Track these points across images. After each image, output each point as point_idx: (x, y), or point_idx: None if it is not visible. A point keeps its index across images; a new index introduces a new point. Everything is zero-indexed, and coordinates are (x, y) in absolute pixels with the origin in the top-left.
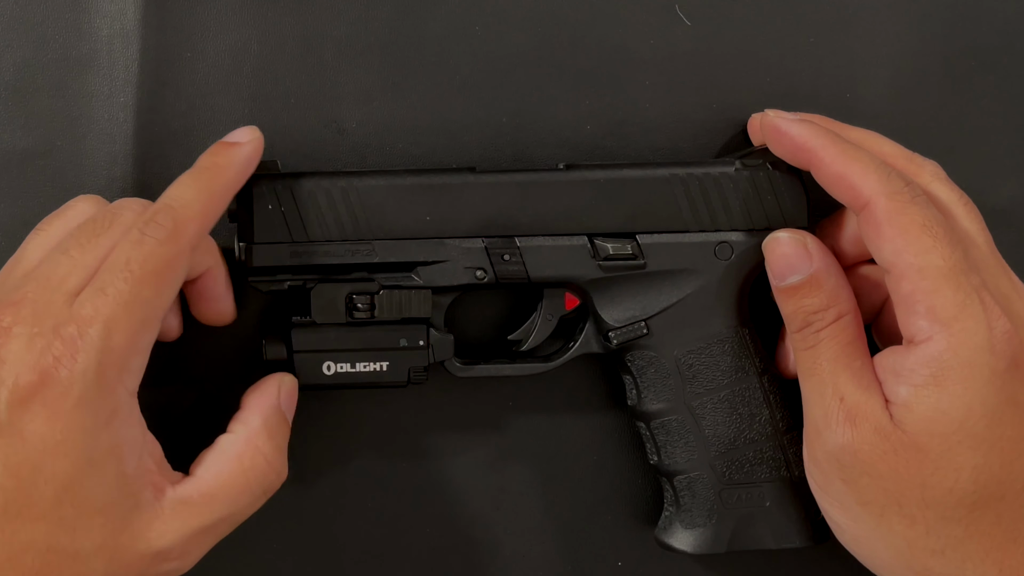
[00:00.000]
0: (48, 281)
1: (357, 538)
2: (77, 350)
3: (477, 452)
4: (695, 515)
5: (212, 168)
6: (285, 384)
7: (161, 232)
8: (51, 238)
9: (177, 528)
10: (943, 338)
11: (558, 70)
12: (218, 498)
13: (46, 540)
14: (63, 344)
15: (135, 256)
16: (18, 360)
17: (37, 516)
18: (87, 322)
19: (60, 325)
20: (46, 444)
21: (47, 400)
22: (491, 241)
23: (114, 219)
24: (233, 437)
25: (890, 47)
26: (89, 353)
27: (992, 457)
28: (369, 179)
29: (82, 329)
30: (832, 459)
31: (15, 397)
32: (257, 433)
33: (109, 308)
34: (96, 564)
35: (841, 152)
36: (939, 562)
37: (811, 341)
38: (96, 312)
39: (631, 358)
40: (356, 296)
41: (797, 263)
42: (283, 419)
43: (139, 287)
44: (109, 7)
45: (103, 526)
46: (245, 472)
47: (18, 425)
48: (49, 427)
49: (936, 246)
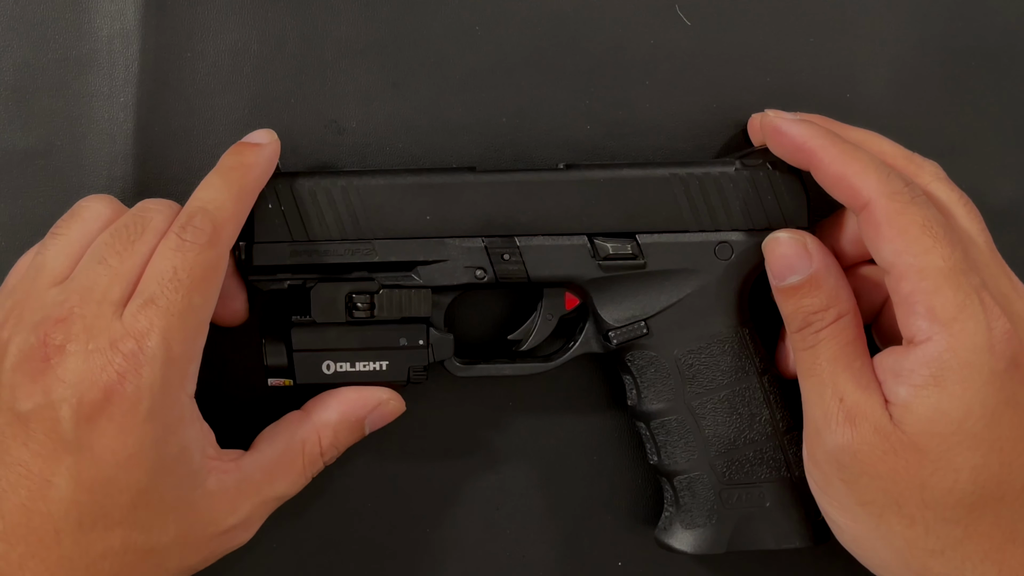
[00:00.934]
0: (91, 293)
1: (357, 538)
2: (141, 364)
3: (477, 452)
4: (695, 515)
5: (240, 168)
6: (389, 405)
7: (202, 237)
8: (72, 243)
9: (242, 505)
10: (943, 338)
11: (558, 70)
12: (276, 476)
13: (123, 544)
14: (124, 359)
15: (181, 264)
16: (79, 378)
17: (113, 524)
18: (144, 335)
19: (117, 340)
20: (118, 458)
21: (114, 415)
22: (491, 240)
23: (146, 224)
24: (303, 420)
25: (890, 47)
26: (153, 366)
27: (991, 457)
28: (369, 178)
29: (141, 343)
30: (832, 459)
31: (81, 415)
32: (326, 427)
33: (164, 319)
34: (172, 554)
35: (841, 152)
36: (938, 562)
37: (811, 341)
38: (151, 324)
39: (631, 358)
40: (356, 295)
41: (797, 263)
42: (359, 429)
43: (189, 295)
44: (109, 7)
45: (177, 520)
46: (303, 457)
47: (87, 442)
48: (120, 442)
49: (936, 246)
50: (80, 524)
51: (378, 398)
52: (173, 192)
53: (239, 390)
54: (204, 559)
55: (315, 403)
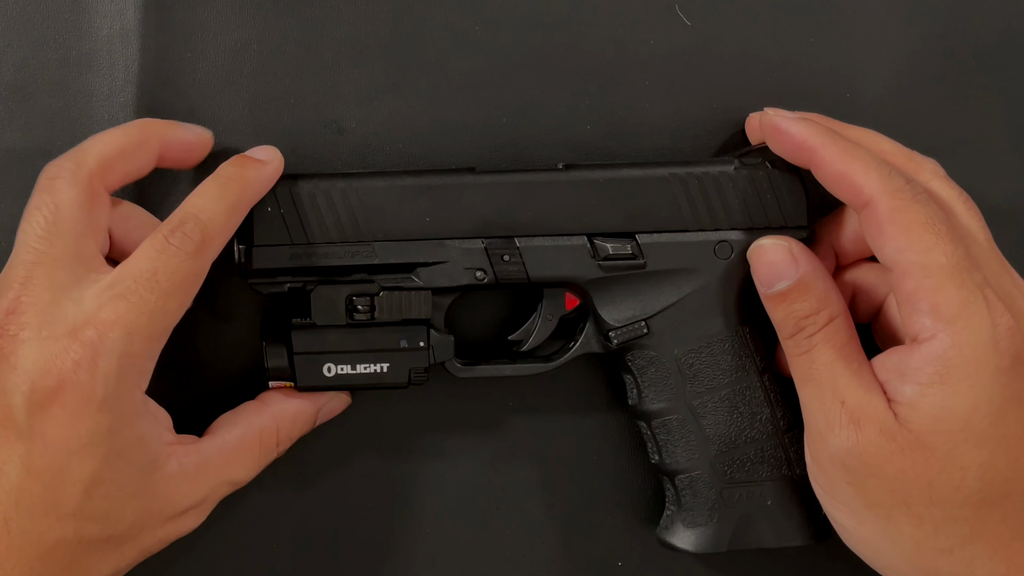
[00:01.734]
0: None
1: (357, 538)
2: (99, 354)
3: (477, 452)
4: (696, 514)
5: (240, 181)
6: (339, 399)
7: (189, 245)
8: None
9: (199, 488)
10: (947, 336)
11: (558, 70)
12: (233, 461)
13: (76, 534)
14: (82, 347)
15: (163, 268)
16: (32, 365)
17: (66, 515)
18: (108, 326)
19: (77, 328)
20: (70, 447)
21: (67, 404)
22: (491, 242)
23: (57, 201)
24: (261, 410)
25: (890, 47)
26: (110, 357)
27: (998, 454)
28: (369, 180)
29: (102, 333)
30: (837, 463)
31: (33, 402)
32: (284, 418)
33: (132, 315)
34: (129, 540)
35: (842, 150)
36: (947, 561)
37: (805, 346)
38: (117, 318)
39: (631, 358)
40: (356, 298)
41: (783, 269)
42: (312, 421)
43: (165, 299)
44: (109, 7)
45: (135, 507)
46: (260, 445)
47: (39, 429)
48: (72, 430)
49: (938, 244)
50: (31, 513)
51: (330, 396)
52: (173, 192)
53: (240, 393)
54: (159, 540)
55: (272, 395)
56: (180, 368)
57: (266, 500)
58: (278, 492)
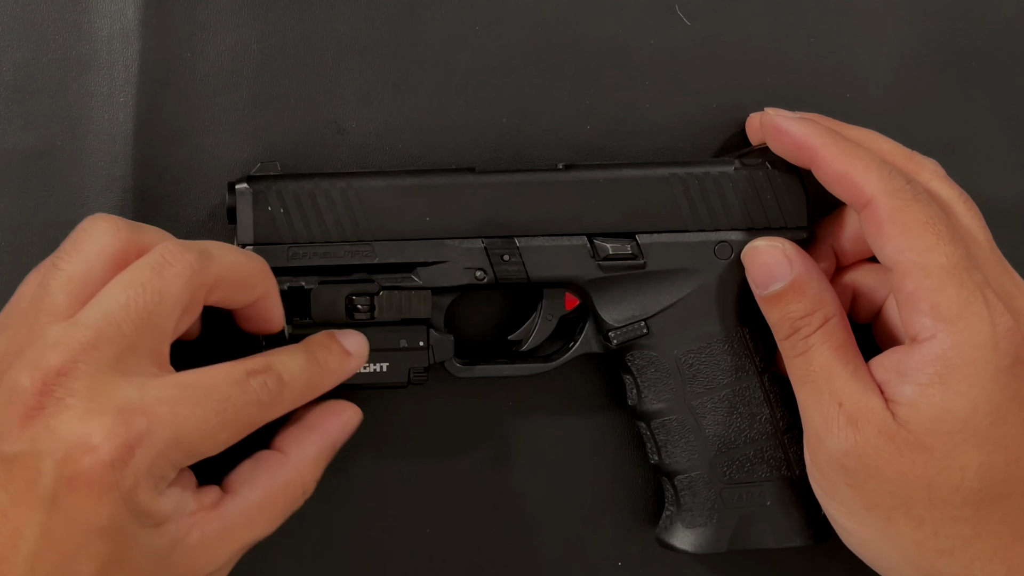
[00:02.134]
0: (100, 355)
1: (357, 538)
2: (140, 444)
3: (477, 452)
4: (696, 514)
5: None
6: (351, 420)
7: (266, 396)
8: (73, 280)
9: (222, 553)
10: (947, 336)
11: (558, 70)
12: (257, 520)
13: None
14: (127, 431)
15: (235, 402)
16: (70, 435)
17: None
18: (160, 423)
19: (128, 412)
20: (91, 525)
21: (94, 483)
22: (491, 241)
23: (164, 294)
24: (283, 462)
25: (890, 47)
26: (149, 451)
27: (997, 455)
28: (368, 180)
29: (152, 426)
30: (836, 464)
31: (63, 473)
32: (307, 466)
33: (189, 425)
34: None
35: (842, 150)
36: (947, 562)
37: (801, 348)
38: (174, 419)
39: (631, 358)
40: (356, 297)
41: (777, 270)
42: (332, 452)
43: (220, 429)
44: (109, 7)
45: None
46: (285, 498)
47: (64, 501)
48: (96, 511)
49: (939, 244)
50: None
51: (345, 418)
52: (173, 192)
53: None
54: None
55: (289, 441)
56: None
57: None
58: None
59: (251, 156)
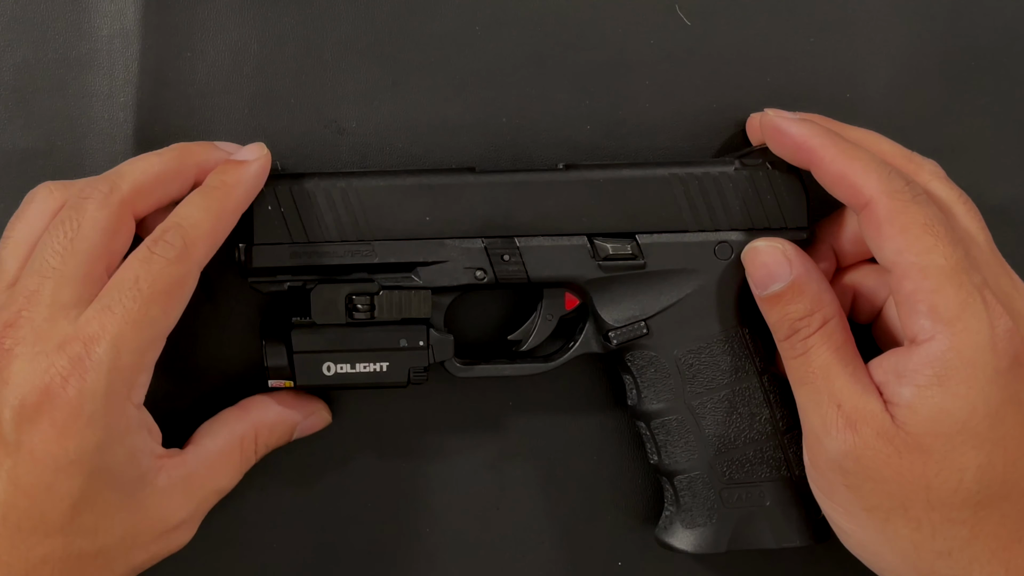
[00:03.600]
0: (39, 296)
1: (356, 538)
2: (86, 369)
3: (477, 452)
4: (695, 515)
5: (221, 188)
6: (319, 415)
7: (171, 252)
8: (20, 245)
9: (188, 500)
10: (946, 337)
11: (558, 70)
12: (218, 471)
13: (64, 550)
14: (70, 362)
15: (144, 275)
16: (22, 380)
17: (53, 531)
18: (94, 340)
19: (65, 343)
20: (58, 463)
21: (55, 419)
22: (491, 241)
23: (81, 218)
24: (241, 417)
25: (890, 47)
26: (98, 372)
27: (995, 456)
28: (369, 179)
29: (89, 347)
30: (835, 466)
31: (22, 416)
32: (263, 425)
33: (117, 326)
34: (118, 555)
35: (842, 151)
36: (946, 564)
37: (800, 349)
38: (103, 330)
39: (631, 358)
40: (356, 297)
41: (777, 271)
42: (289, 434)
43: (148, 306)
44: (109, 7)
45: (124, 521)
46: (241, 451)
47: (27, 444)
48: (59, 446)
49: (938, 245)
50: (18, 528)
51: (311, 407)
52: None
53: (240, 392)
54: (151, 557)
55: (253, 401)
56: (180, 367)
57: (264, 500)
58: (277, 492)
59: None
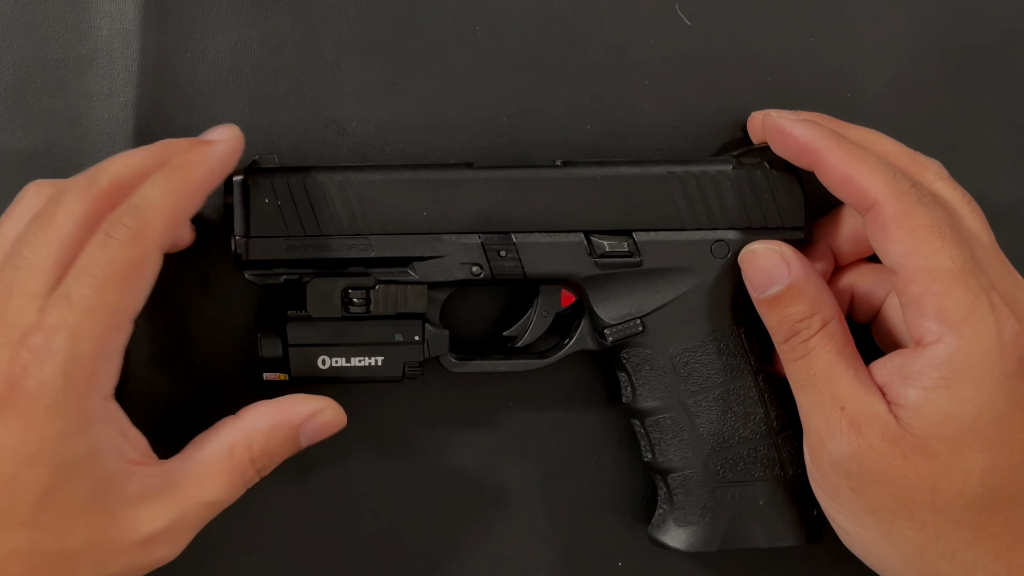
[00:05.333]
0: (11, 288)
1: (353, 536)
2: (44, 359)
3: (473, 448)
4: (688, 513)
5: (183, 166)
6: (326, 415)
7: (125, 233)
8: (5, 241)
9: (165, 511)
10: (953, 340)
11: (558, 70)
12: (203, 480)
13: (31, 546)
14: (30, 353)
15: (99, 259)
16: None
17: (19, 524)
18: (53, 330)
19: (28, 334)
20: (20, 454)
21: (18, 410)
22: (487, 237)
23: (56, 208)
24: (233, 424)
25: (890, 47)
26: (55, 361)
27: (1001, 459)
28: (366, 174)
29: (48, 337)
30: (839, 469)
31: None
32: (257, 432)
33: (74, 315)
34: (85, 560)
35: (847, 153)
36: (949, 565)
37: (800, 351)
38: (61, 319)
39: (626, 355)
40: (352, 291)
41: (775, 273)
42: (293, 439)
43: (103, 291)
44: (109, 7)
45: (89, 524)
46: (231, 461)
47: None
48: (22, 437)
49: (945, 247)
50: None
51: (313, 408)
52: None
53: (236, 384)
54: (124, 569)
55: (249, 409)
56: (175, 361)
57: (263, 499)
58: (275, 490)
59: (251, 156)
